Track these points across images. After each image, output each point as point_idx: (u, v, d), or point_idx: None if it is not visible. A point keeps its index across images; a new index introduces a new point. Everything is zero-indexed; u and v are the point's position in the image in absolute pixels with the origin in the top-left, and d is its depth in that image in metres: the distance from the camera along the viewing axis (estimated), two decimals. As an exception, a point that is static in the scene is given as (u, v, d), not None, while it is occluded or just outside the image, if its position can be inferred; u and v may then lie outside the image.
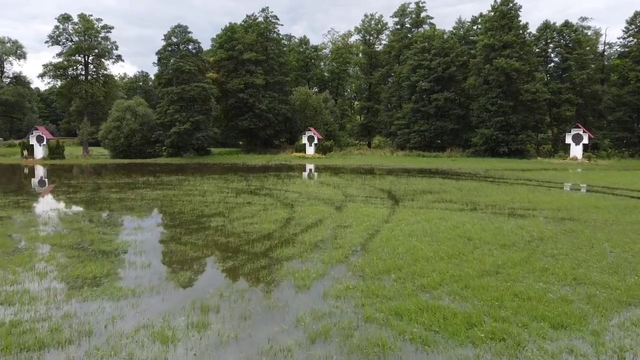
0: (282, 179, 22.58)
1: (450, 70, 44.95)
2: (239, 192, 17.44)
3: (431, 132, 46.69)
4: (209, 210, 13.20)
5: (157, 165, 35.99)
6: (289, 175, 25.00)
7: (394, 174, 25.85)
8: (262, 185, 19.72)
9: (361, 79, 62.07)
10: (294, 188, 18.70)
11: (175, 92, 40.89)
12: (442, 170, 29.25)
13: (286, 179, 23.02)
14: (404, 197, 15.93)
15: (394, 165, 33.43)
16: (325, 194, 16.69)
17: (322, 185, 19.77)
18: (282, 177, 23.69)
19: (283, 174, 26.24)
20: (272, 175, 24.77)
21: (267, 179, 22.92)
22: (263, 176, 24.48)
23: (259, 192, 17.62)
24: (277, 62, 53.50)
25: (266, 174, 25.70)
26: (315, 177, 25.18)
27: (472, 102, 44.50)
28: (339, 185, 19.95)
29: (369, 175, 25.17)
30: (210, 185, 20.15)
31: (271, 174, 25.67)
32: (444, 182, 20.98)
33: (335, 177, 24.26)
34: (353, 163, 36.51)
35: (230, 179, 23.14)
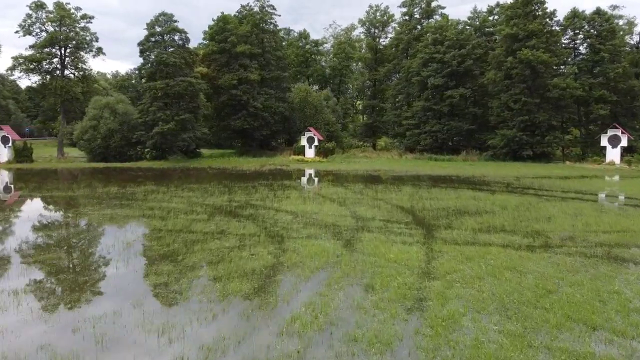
0: (275, 191, 18.49)
1: (466, 64, 40.88)
2: (214, 213, 13.33)
3: (444, 132, 42.59)
4: (157, 248, 9.13)
5: (135, 170, 31.91)
6: (283, 185, 20.89)
7: (410, 183, 21.74)
8: (248, 201, 15.63)
9: (365, 75, 57.98)
10: (287, 205, 14.60)
11: (158, 87, 36.84)
12: (464, 178, 25.15)
13: (280, 190, 18.93)
14: (437, 223, 11.82)
15: (406, 171, 29.33)
16: (329, 216, 12.60)
17: (323, 201, 15.68)
18: (274, 188, 19.59)
19: (277, 182, 22.15)
20: (263, 185, 20.67)
21: (256, 190, 18.83)
22: (252, 186, 20.38)
23: (241, 212, 13.52)
24: (274, 56, 49.44)
25: (256, 183, 21.60)
26: (315, 186, 21.06)
27: (491, 100, 40.41)
28: (345, 200, 15.86)
29: (380, 185, 21.06)
30: (182, 200, 16.05)
31: (262, 183, 21.57)
32: (477, 196, 16.88)
33: (339, 187, 20.16)
34: (358, 168, 32.41)
35: (210, 190, 19.05)
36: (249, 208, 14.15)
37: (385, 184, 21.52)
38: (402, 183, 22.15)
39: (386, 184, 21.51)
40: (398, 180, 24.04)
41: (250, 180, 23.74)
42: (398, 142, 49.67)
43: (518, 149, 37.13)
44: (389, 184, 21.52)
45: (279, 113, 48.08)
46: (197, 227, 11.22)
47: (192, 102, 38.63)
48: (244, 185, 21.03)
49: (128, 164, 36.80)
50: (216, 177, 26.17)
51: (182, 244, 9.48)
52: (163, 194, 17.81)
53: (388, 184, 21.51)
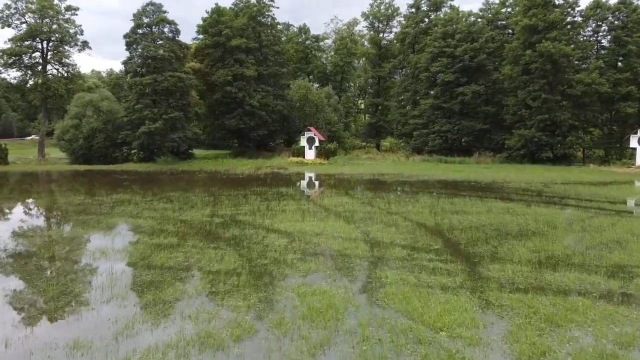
0: (269, 201, 15.72)
1: (478, 58, 38.12)
2: (187, 234, 10.57)
3: (454, 132, 39.82)
4: (82, 299, 6.32)
5: (117, 173, 29.17)
6: (279, 194, 18.10)
7: (426, 191, 18.96)
8: (234, 216, 12.86)
9: (368, 71, 55.20)
10: (282, 222, 11.83)
11: (144, 82, 34.08)
12: (485, 184, 22.35)
13: (274, 199, 16.15)
14: (478, 251, 9.05)
15: (417, 175, 26.55)
16: (334, 239, 9.84)
17: (326, 216, 12.91)
18: (268, 197, 16.81)
19: (272, 190, 19.36)
20: (255, 194, 17.89)
21: (246, 200, 16.06)
22: (243, 195, 17.61)
23: (221, 232, 10.76)
24: (272, 51, 46.70)
25: (248, 191, 18.83)
26: (316, 194, 18.27)
27: (506, 97, 37.64)
28: (352, 214, 13.09)
29: (392, 193, 18.28)
30: (154, 215, 13.28)
31: (255, 191, 18.80)
32: (512, 209, 14.10)
33: (344, 196, 17.38)
34: (363, 171, 29.63)
35: (193, 200, 16.29)
36: (233, 226, 11.37)
37: (397, 192, 18.74)
38: (416, 190, 19.37)
39: (398, 192, 18.73)
40: (410, 186, 21.25)
41: (242, 186, 20.96)
42: (404, 143, 46.90)
43: (537, 151, 34.37)
44: (401, 192, 18.75)
45: (277, 111, 45.34)
46: (158, 258, 8.44)
47: (182, 99, 35.90)
48: (234, 193, 18.24)
49: (112, 167, 34.09)
50: (204, 183, 23.42)
51: (124, 289, 6.70)
52: (135, 205, 15.03)
53: (400, 192, 18.74)
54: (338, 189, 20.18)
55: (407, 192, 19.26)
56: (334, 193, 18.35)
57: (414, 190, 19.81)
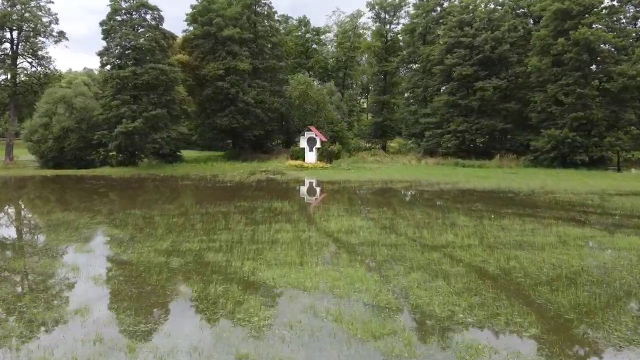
0: (255, 225, 11.82)
1: (500, 49, 34.21)
2: (114, 295, 6.65)
3: (472, 132, 35.91)
4: None
5: (86, 180, 25.29)
6: (271, 212, 14.17)
7: (460, 206, 15.03)
8: (201, 254, 8.97)
9: (374, 66, 51.31)
10: (269, 269, 7.93)
11: (121, 76, 30.18)
12: (525, 195, 18.45)
13: (263, 222, 12.25)
14: (601, 338, 5.09)
15: (437, 183, 22.64)
16: (353, 310, 5.90)
17: (336, 254, 9.03)
18: (256, 218, 12.90)
19: (262, 206, 15.44)
20: (240, 212, 13.98)
21: (226, 223, 12.15)
22: (224, 213, 13.71)
23: (170, 293, 6.83)
24: (269, 43, 42.86)
25: (232, 207, 14.92)
26: (319, 214, 14.29)
27: (532, 93, 33.74)
28: (374, 251, 9.20)
29: (417, 211, 14.32)
30: (88, 248, 9.36)
31: (241, 208, 14.89)
32: (594, 239, 10.25)
33: (356, 215, 13.47)
34: (373, 177, 25.72)
35: (154, 222, 12.40)
36: (193, 278, 7.46)
37: (423, 208, 14.80)
38: (446, 205, 15.46)
39: (425, 208, 14.80)
40: (435, 198, 17.34)
41: (227, 199, 17.05)
42: (414, 144, 43.01)
43: (569, 153, 30.42)
44: (428, 208, 14.82)
45: (274, 109, 41.47)
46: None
47: (165, 94, 31.99)
48: (214, 210, 14.32)
49: (85, 171, 30.18)
50: (182, 193, 19.55)
51: None
52: (72, 231, 11.11)
53: (427, 208, 14.81)
54: (346, 203, 16.27)
55: (435, 206, 15.33)
56: (342, 210, 14.41)
57: (443, 204, 15.89)
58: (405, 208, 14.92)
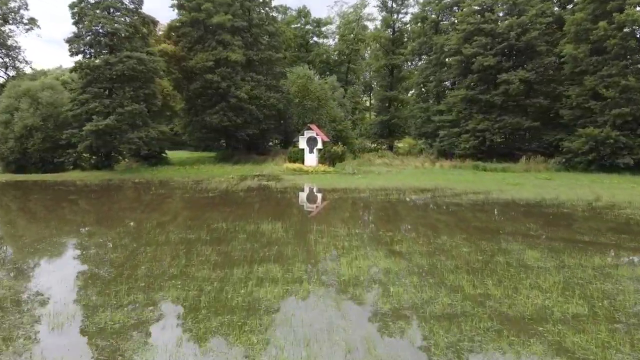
0: (228, 267, 7.97)
1: (527, 36, 30.32)
2: None
3: (494, 131, 32.02)
4: None
5: (35, 188, 21.44)
6: (255, 240, 10.31)
7: (512, 230, 11.15)
8: (121, 334, 5.08)
9: (381, 59, 47.46)
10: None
11: (91, 65, 26.37)
12: (585, 209, 14.58)
13: (240, 263, 8.41)
14: None
15: (465, 192, 18.77)
16: None
17: (356, 353, 5.15)
18: (231, 253, 9.04)
19: (246, 228, 11.58)
20: (212, 240, 10.13)
21: (187, 261, 8.30)
22: (187, 242, 9.87)
23: None
24: (265, 32, 39.05)
25: (203, 232, 11.07)
26: (320, 244, 10.37)
27: (564, 86, 29.86)
28: (420, 327, 5.34)
29: (460, 238, 10.42)
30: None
31: (215, 232, 11.03)
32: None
33: (377, 249, 9.62)
34: (385, 184, 21.87)
35: (75, 259, 8.56)
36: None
37: (464, 233, 10.89)
38: (495, 228, 11.56)
39: (466, 233, 10.88)
40: (475, 216, 13.44)
41: (201, 216, 13.19)
42: (426, 145, 39.14)
43: (610, 155, 26.54)
44: (472, 233, 10.91)
45: (271, 106, 37.67)
46: None
47: (144, 87, 28.15)
48: (177, 237, 10.47)
49: (49, 176, 26.40)
50: (146, 208, 15.71)
51: None
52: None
53: (470, 233, 10.90)
54: (359, 224, 12.42)
55: (479, 230, 11.45)
56: (355, 236, 10.55)
57: (488, 226, 12.01)
58: (440, 232, 11.05)
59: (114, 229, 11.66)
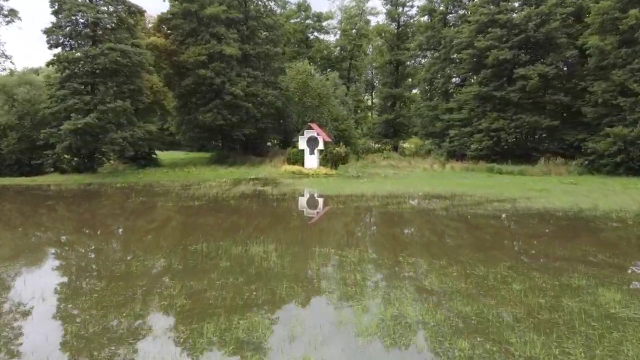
0: (197, 320, 5.71)
1: (547, 27, 28.08)
2: None
3: (509, 131, 29.77)
4: None
5: (9, 193, 19.22)
6: (239, 272, 8.08)
7: (565, 255, 8.90)
8: None
9: (385, 54, 45.20)
10: None
11: (70, 58, 24.15)
12: (635, 224, 12.34)
13: (213, 313, 6.16)
14: None
15: (488, 201, 16.53)
16: None
17: None
18: (202, 298, 6.78)
19: (229, 252, 9.35)
20: (178, 273, 7.88)
21: (143, 303, 6.03)
22: (150, 277, 7.63)
23: None
24: (262, 25, 36.84)
25: (171, 258, 8.82)
26: (325, 278, 8.14)
27: (587, 82, 27.62)
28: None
29: (503, 267, 8.16)
30: None
31: (188, 257, 8.78)
32: None
33: (399, 286, 7.38)
34: (395, 190, 19.63)
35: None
36: None
37: (504, 258, 8.58)
38: (541, 251, 9.30)
39: (507, 257, 8.58)
40: (508, 233, 11.17)
41: (177, 235, 10.95)
42: (435, 146, 36.88)
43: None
44: (514, 259, 8.62)
45: (269, 103, 35.44)
46: None
47: (129, 83, 25.90)
48: (144, 265, 8.21)
49: (24, 180, 24.18)
50: (118, 219, 13.46)
51: None
52: None
53: (512, 259, 8.60)
54: (370, 244, 10.16)
55: (522, 254, 9.19)
56: (370, 269, 8.30)
57: (529, 248, 9.76)
58: (475, 259, 8.77)
59: (60, 257, 9.41)
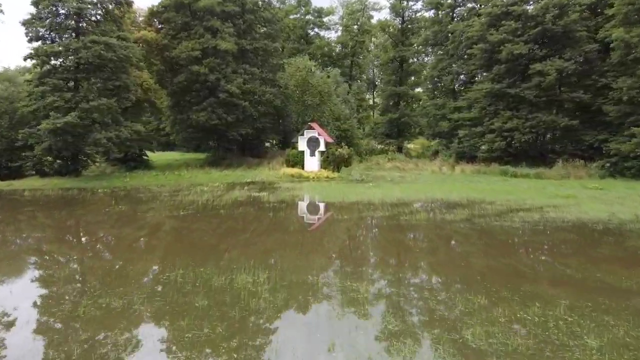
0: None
1: (565, 20, 26.23)
2: None
3: (524, 131, 27.87)
4: None
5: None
6: (222, 305, 6.25)
7: (636, 289, 7.05)
8: None
9: (389, 51, 43.35)
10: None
11: (49, 52, 22.29)
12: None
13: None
14: None
15: (512, 211, 14.65)
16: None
17: None
18: (171, 340, 4.88)
19: (209, 281, 7.49)
20: (140, 318, 5.98)
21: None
22: (111, 313, 5.71)
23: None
24: (260, 18, 34.95)
25: (142, 288, 6.94)
26: (333, 336, 6.30)
27: (609, 78, 25.73)
28: None
29: (564, 308, 6.30)
30: None
31: (159, 290, 6.89)
32: None
33: (436, 349, 5.50)
34: (406, 197, 17.73)
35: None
36: None
37: (566, 299, 6.71)
38: (603, 281, 7.41)
39: (571, 300, 6.69)
40: (553, 257, 9.27)
41: (150, 258, 9.08)
42: (442, 147, 34.98)
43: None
44: (580, 298, 6.72)
45: (266, 102, 33.54)
46: None
47: (114, 79, 24.03)
48: (96, 304, 6.32)
49: (2, 184, 22.33)
50: (87, 233, 11.59)
51: None
52: None
53: (577, 299, 6.70)
54: (388, 277, 8.25)
55: (580, 286, 7.33)
56: (390, 312, 6.44)
57: (589, 277, 7.87)
58: (522, 295, 6.87)
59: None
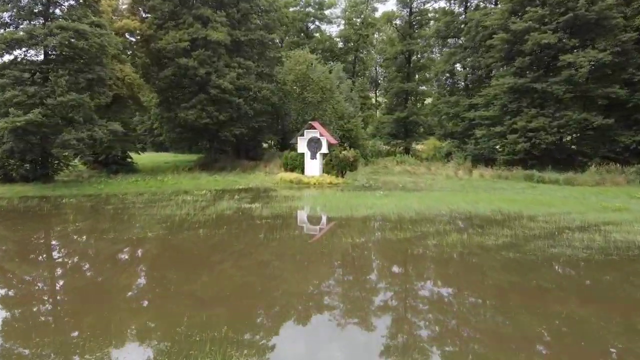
0: None
1: (599, 5, 23.35)
2: None
3: (551, 130, 24.93)
4: None
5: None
6: None
7: None
8: None
9: (396, 44, 40.45)
10: None
11: (9, 39, 19.41)
12: None
13: None
14: None
15: (565, 230, 11.77)
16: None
17: None
18: None
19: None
20: None
21: None
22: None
23: None
24: (255, 7, 32.02)
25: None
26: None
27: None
28: None
29: None
30: None
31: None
32: None
33: None
34: (424, 209, 14.81)
35: None
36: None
37: None
38: None
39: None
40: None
41: (71, 324, 6.16)
42: (457, 148, 32.02)
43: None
44: None
45: (263, 99, 30.63)
46: None
47: (86, 71, 21.12)
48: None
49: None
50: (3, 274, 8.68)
51: None
52: None
53: None
54: (423, 356, 5.38)
55: None
56: None
57: None
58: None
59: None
